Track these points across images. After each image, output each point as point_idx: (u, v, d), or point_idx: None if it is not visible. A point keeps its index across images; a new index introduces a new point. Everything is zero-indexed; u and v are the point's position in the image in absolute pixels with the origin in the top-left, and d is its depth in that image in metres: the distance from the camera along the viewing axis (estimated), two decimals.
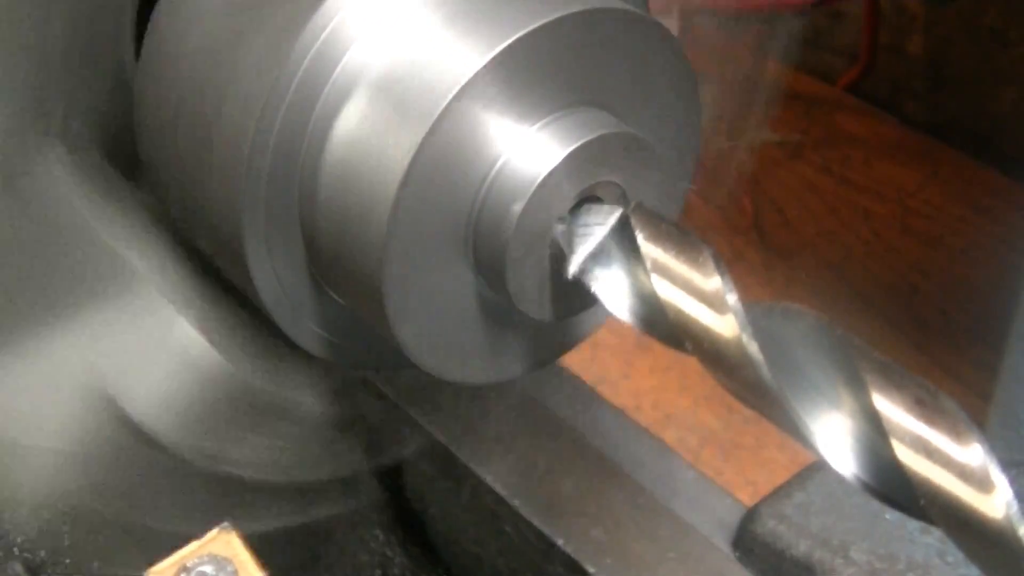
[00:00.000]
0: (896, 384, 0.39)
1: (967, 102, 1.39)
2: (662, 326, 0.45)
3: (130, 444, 0.58)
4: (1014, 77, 1.34)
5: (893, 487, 0.40)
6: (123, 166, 0.58)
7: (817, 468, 0.72)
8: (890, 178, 1.32)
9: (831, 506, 0.69)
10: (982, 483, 0.36)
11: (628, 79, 0.50)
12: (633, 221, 0.46)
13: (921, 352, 1.10)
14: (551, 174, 0.46)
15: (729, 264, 0.43)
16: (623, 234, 0.46)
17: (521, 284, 0.48)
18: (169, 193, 0.55)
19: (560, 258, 0.47)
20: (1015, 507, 0.35)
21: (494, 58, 0.45)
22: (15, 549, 0.58)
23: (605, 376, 1.07)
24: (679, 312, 0.44)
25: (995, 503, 0.36)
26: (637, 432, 0.78)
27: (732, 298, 0.42)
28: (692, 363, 0.44)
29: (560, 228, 0.47)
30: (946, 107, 1.41)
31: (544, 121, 0.47)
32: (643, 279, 0.45)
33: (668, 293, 0.44)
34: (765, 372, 0.41)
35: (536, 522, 0.67)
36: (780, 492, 0.71)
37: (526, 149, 0.46)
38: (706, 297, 0.43)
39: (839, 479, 0.41)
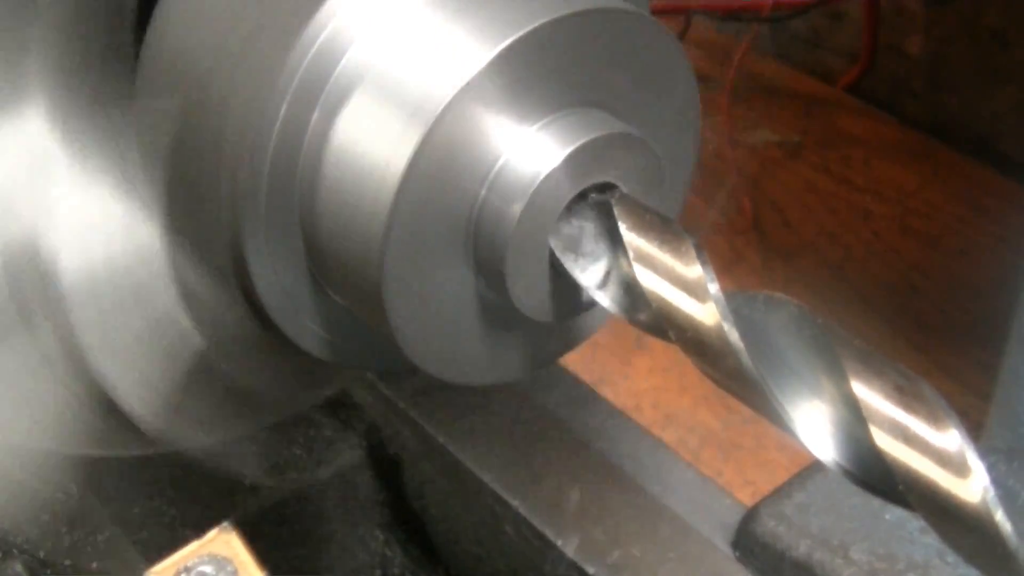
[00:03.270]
0: (875, 371, 0.39)
1: (967, 102, 1.39)
2: (645, 315, 0.45)
3: (128, 444, 0.58)
4: (1014, 77, 1.33)
5: (872, 473, 0.40)
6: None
7: (817, 468, 0.72)
8: (890, 178, 1.32)
9: (831, 506, 0.69)
10: (959, 468, 0.36)
11: (628, 79, 0.50)
12: (616, 211, 0.46)
13: (921, 352, 1.10)
14: (551, 174, 0.46)
15: (729, 264, 0.44)
16: (607, 224, 0.46)
17: (521, 284, 0.48)
18: (167, 192, 0.55)
19: (559, 258, 0.47)
20: (991, 492, 0.36)
21: (494, 58, 0.45)
22: (15, 549, 0.58)
23: (605, 376, 1.07)
24: (661, 300, 0.44)
25: (972, 488, 0.36)
26: (637, 432, 0.78)
27: (713, 287, 0.43)
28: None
29: (557, 227, 0.47)
30: (946, 107, 1.41)
31: (544, 121, 0.47)
32: (626, 268, 0.45)
33: (650, 282, 0.44)
34: (746, 360, 0.41)
35: (536, 522, 0.67)
36: (780, 492, 0.71)
37: (526, 149, 0.46)
38: (687, 286, 0.43)
39: (839, 479, 0.41)
